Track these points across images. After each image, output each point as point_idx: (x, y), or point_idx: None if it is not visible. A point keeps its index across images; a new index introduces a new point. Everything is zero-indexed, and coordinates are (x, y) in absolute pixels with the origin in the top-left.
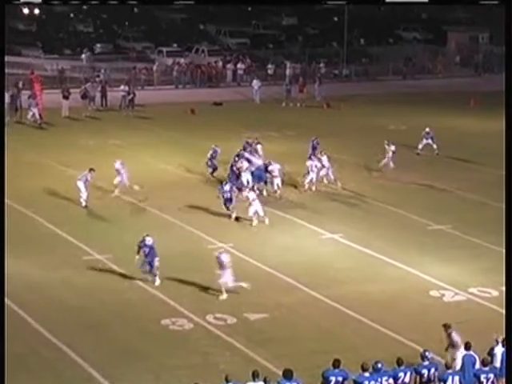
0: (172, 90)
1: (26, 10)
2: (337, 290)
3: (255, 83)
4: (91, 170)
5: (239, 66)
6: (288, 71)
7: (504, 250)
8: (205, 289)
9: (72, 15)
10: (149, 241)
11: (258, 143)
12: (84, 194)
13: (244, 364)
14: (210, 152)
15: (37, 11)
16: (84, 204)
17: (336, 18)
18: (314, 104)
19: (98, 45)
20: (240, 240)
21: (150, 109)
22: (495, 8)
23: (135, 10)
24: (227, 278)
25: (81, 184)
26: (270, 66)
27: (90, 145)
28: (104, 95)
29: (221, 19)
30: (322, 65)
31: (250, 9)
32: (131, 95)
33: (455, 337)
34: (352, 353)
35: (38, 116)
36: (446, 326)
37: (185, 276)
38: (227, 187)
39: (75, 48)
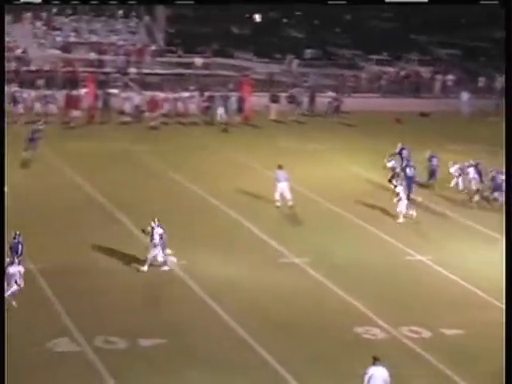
0: (378, 98)
1: (241, 15)
2: None
3: (464, 95)
4: (280, 166)
5: (449, 77)
6: (498, 85)
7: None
8: (402, 300)
9: (285, 20)
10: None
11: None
12: (288, 195)
13: (437, 380)
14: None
15: (257, 17)
16: (289, 204)
17: None
18: None
19: (308, 50)
20: (439, 253)
21: (355, 116)
22: None
23: (347, 17)
24: None
25: (283, 185)
26: (480, 78)
27: (290, 147)
28: (312, 100)
29: (433, 29)
30: None
31: (463, 21)
32: (337, 101)
33: None
34: None
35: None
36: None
37: (382, 286)
38: None
39: (285, 53)
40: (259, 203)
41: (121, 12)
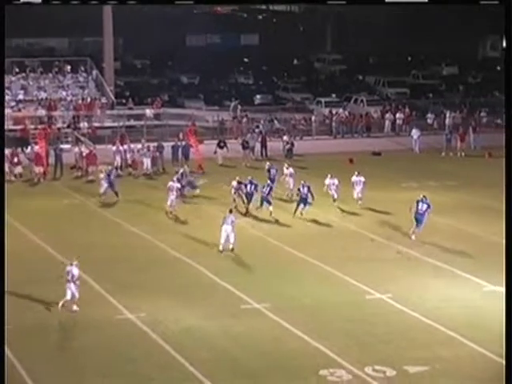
0: (330, 140)
1: (190, 64)
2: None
3: (414, 133)
4: (231, 211)
5: (398, 115)
6: (448, 120)
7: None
8: (364, 340)
9: (233, 68)
10: None
11: None
12: (231, 238)
13: None
14: None
15: (201, 66)
16: (231, 247)
17: (499, 68)
18: (474, 154)
19: (258, 96)
20: (398, 290)
21: (308, 158)
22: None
23: (295, 61)
24: None
25: (228, 228)
26: (429, 115)
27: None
28: (264, 145)
29: (380, 70)
30: (483, 114)
31: (409, 59)
32: (289, 145)
33: None
34: None
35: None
36: None
37: (344, 327)
38: None
39: (235, 99)
40: (214, 250)
41: (69, 67)
